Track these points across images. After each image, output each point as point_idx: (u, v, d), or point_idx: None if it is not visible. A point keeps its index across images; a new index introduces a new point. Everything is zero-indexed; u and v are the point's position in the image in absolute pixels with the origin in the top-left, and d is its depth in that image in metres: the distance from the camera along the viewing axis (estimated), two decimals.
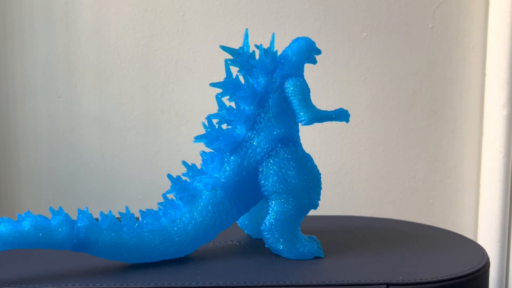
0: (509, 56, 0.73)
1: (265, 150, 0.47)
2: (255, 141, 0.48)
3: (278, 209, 0.47)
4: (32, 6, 0.75)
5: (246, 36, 0.48)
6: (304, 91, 0.49)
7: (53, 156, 0.77)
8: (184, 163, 0.47)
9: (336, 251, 0.49)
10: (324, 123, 0.77)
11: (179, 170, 0.77)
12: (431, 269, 0.44)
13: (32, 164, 0.77)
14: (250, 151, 0.47)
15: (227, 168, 0.47)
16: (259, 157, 0.47)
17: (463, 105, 0.78)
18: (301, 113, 0.48)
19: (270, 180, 0.47)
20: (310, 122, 0.49)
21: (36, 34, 0.75)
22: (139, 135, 0.77)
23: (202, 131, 0.79)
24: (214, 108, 0.51)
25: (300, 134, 0.51)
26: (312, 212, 0.75)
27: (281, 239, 0.47)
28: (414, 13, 0.77)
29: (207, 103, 0.76)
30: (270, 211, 0.47)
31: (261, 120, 0.48)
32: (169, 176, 0.47)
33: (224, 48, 0.48)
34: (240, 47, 0.48)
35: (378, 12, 0.76)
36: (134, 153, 0.77)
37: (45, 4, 0.75)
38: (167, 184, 0.77)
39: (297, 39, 0.52)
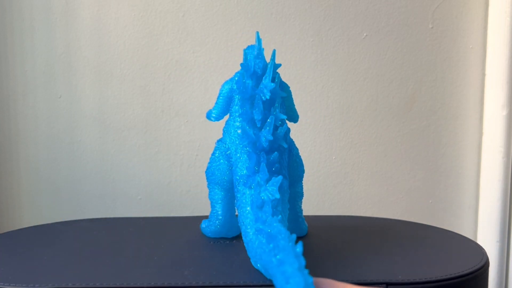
0: (508, 56, 0.73)
1: (291, 145, 0.51)
2: (284, 138, 0.50)
3: (301, 194, 0.53)
4: (32, 6, 0.75)
5: (259, 38, 0.50)
6: None
7: (53, 156, 0.77)
8: (247, 172, 0.46)
9: (336, 251, 0.49)
10: (324, 122, 0.77)
11: (179, 170, 0.77)
12: (431, 269, 0.44)
13: (32, 164, 0.77)
14: (282, 148, 0.50)
15: (285, 165, 0.49)
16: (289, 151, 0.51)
17: (463, 105, 0.78)
18: (294, 113, 0.53)
19: (298, 169, 0.51)
20: (298, 120, 0.54)
21: (36, 34, 0.75)
22: (139, 135, 0.77)
23: (201, 131, 0.79)
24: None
25: (299, 134, 0.52)
26: (312, 212, 0.75)
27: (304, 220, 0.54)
28: (414, 13, 0.77)
29: (207, 103, 0.76)
30: (297, 197, 0.52)
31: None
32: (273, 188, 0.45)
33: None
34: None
35: (378, 12, 0.76)
36: (134, 153, 0.77)
37: (45, 4, 0.75)
38: (167, 184, 0.78)
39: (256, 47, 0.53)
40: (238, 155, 0.49)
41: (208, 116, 0.54)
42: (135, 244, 0.53)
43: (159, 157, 0.77)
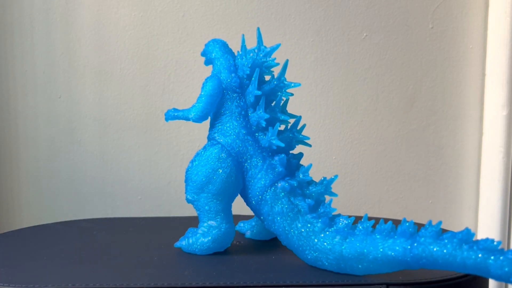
0: (509, 56, 0.73)
1: None
2: None
3: None
4: (32, 6, 0.75)
5: (260, 35, 0.50)
6: None
7: (53, 156, 0.77)
8: (281, 177, 0.47)
9: None
10: (324, 122, 0.77)
11: (179, 170, 0.77)
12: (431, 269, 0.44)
13: (32, 164, 0.77)
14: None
15: None
16: None
17: (463, 105, 0.78)
18: None
19: None
20: None
21: (36, 34, 0.75)
22: (139, 135, 0.77)
23: (201, 131, 0.79)
24: None
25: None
26: None
27: None
28: (414, 13, 0.77)
29: None
30: None
31: None
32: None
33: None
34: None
35: (378, 12, 0.76)
36: (134, 153, 0.77)
37: (45, 4, 0.75)
38: (167, 184, 0.78)
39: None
40: (259, 162, 0.47)
41: (182, 117, 0.50)
42: (135, 244, 0.53)
43: (159, 157, 0.77)
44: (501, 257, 0.34)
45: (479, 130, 0.78)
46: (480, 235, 0.78)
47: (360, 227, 0.42)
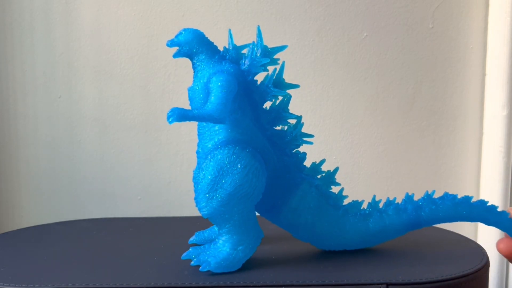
0: (509, 56, 0.73)
1: None
2: None
3: None
4: (32, 6, 0.75)
5: (260, 33, 0.48)
6: None
7: (53, 156, 0.77)
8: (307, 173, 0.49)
9: (336, 251, 0.49)
10: (324, 122, 0.77)
11: (179, 170, 0.77)
12: (431, 269, 0.44)
13: (32, 164, 0.77)
14: None
15: None
16: None
17: (463, 105, 0.78)
18: None
19: None
20: None
21: (36, 34, 0.75)
22: (139, 135, 0.77)
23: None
24: None
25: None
26: None
27: None
28: (414, 13, 0.77)
29: None
30: None
31: None
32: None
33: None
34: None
35: (378, 12, 0.76)
36: (134, 153, 0.77)
37: (45, 4, 0.75)
38: (167, 184, 0.78)
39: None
40: (284, 161, 0.47)
41: (199, 117, 0.42)
42: (135, 244, 0.53)
43: (159, 157, 0.77)
44: (494, 210, 0.47)
45: (479, 130, 0.78)
46: (481, 235, 0.78)
47: (373, 205, 0.50)
